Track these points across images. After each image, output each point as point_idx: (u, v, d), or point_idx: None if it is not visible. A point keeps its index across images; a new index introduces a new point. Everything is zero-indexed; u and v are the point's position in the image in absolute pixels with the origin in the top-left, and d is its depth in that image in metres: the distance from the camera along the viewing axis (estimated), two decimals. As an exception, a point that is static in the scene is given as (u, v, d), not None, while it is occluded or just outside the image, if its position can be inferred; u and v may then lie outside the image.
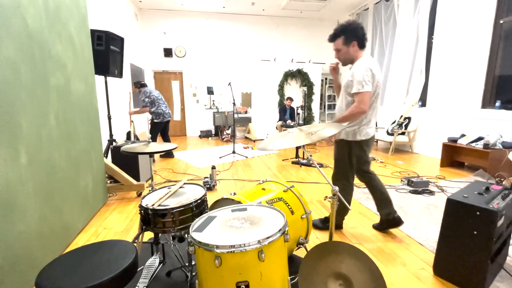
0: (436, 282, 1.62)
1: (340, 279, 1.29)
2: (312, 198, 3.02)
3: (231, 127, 7.68)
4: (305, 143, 1.32)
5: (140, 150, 1.77)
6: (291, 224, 1.56)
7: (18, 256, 1.45)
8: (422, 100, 5.46)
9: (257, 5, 7.45)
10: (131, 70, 6.60)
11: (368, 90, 1.83)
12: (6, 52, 1.43)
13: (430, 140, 5.19)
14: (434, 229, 2.25)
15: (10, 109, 1.45)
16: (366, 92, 1.83)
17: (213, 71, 8.40)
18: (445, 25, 4.84)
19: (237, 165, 4.59)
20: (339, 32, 1.95)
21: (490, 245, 1.42)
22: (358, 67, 1.88)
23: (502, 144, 3.73)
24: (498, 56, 4.16)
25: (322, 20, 8.64)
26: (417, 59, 5.55)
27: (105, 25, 4.83)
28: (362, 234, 2.21)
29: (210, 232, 1.12)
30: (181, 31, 8.05)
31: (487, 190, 1.64)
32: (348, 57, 1.98)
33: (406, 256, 1.90)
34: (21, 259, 1.47)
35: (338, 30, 1.95)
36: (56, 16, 2.02)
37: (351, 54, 1.96)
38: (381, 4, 6.59)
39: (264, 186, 1.75)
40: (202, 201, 1.58)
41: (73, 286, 0.94)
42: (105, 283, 0.97)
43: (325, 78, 8.47)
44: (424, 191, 3.12)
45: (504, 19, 4.05)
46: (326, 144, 6.78)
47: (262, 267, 1.03)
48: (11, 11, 1.50)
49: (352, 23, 1.93)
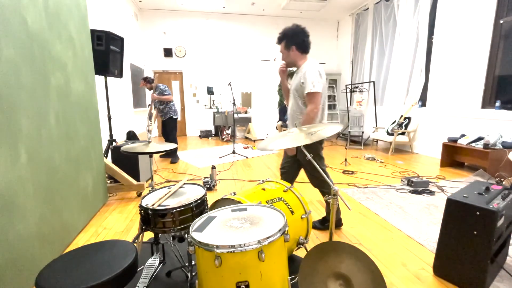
0: (436, 282, 1.62)
1: (340, 279, 1.29)
2: (312, 198, 3.02)
3: (231, 127, 7.68)
4: (305, 143, 1.32)
5: (140, 150, 1.77)
6: (291, 224, 1.56)
7: (18, 256, 1.45)
8: (422, 100, 5.46)
9: (257, 5, 7.45)
10: (131, 70, 6.60)
11: (319, 90, 1.89)
12: (6, 52, 1.43)
13: (430, 140, 5.19)
14: (434, 229, 2.25)
15: (10, 109, 1.45)
16: (318, 92, 1.89)
17: (213, 71, 8.40)
18: (445, 25, 4.84)
19: (237, 165, 4.59)
20: (281, 37, 2.02)
21: (490, 245, 1.42)
22: (308, 69, 1.92)
23: (502, 144, 3.73)
24: (498, 56, 4.16)
25: (322, 20, 8.64)
26: (417, 59, 5.55)
27: (105, 25, 4.83)
28: (362, 234, 2.21)
29: (210, 232, 1.12)
30: (181, 31, 8.05)
31: (487, 190, 1.64)
32: (289, 60, 2.05)
33: (406, 256, 1.90)
34: (21, 259, 1.47)
35: (280, 35, 2.02)
36: (56, 16, 2.02)
37: (291, 58, 2.02)
38: (381, 4, 6.59)
39: (264, 186, 1.75)
40: (202, 201, 1.58)
41: (73, 286, 0.94)
42: (105, 283, 0.97)
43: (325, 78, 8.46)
44: (424, 191, 3.12)
45: (504, 19, 4.05)
46: (326, 144, 6.78)
47: (262, 267, 1.03)
48: (11, 11, 1.50)
49: (293, 28, 1.98)
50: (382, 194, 3.08)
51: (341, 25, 8.62)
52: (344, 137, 7.65)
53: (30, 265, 1.54)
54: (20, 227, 1.47)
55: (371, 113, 6.96)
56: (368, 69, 7.22)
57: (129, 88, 6.38)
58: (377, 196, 3.02)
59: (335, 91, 8.62)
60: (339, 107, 8.56)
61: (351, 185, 3.42)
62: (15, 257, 1.42)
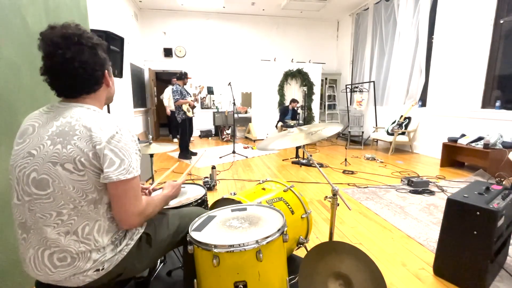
0: (436, 282, 1.62)
1: (340, 279, 1.29)
2: (312, 198, 3.02)
3: (231, 127, 7.68)
4: (305, 143, 1.32)
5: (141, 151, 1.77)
6: (291, 224, 1.55)
7: (18, 256, 1.45)
8: (422, 100, 5.46)
9: (257, 5, 7.45)
10: (131, 70, 6.60)
11: None
12: (6, 52, 1.44)
13: (430, 140, 5.18)
14: (434, 229, 2.25)
15: (11, 109, 1.45)
16: None
17: (213, 71, 8.40)
18: (445, 25, 4.83)
19: (237, 165, 4.59)
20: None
21: (490, 245, 1.42)
22: None
23: (502, 144, 3.73)
24: (498, 56, 4.16)
25: (322, 20, 8.64)
26: (417, 59, 5.55)
27: (105, 25, 4.83)
28: (362, 234, 2.20)
29: (209, 232, 1.11)
30: (181, 31, 8.05)
31: (487, 190, 1.64)
32: None
33: (406, 256, 1.89)
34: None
35: None
36: (56, 16, 2.02)
37: None
38: (381, 4, 6.59)
39: (264, 186, 1.75)
40: (202, 201, 1.58)
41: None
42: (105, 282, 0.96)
43: (325, 78, 8.47)
44: (424, 191, 3.11)
45: (504, 19, 4.05)
46: (326, 144, 6.78)
47: (260, 267, 1.03)
48: (11, 11, 1.50)
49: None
50: (382, 194, 3.07)
51: (341, 25, 8.62)
52: (344, 137, 7.64)
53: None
54: (19, 227, 1.47)
55: (371, 113, 6.96)
56: (368, 69, 7.22)
57: (129, 88, 6.38)
58: (377, 196, 3.01)
59: (335, 91, 8.62)
60: (339, 107, 8.56)
61: (351, 185, 3.42)
62: (15, 256, 1.42)
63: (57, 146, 0.84)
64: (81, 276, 0.88)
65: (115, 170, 0.86)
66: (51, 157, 0.84)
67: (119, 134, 0.89)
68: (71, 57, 0.88)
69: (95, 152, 0.84)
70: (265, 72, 7.21)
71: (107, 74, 1.01)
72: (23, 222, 0.87)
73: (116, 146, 0.87)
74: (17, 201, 0.87)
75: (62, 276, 0.86)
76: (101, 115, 0.91)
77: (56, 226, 0.85)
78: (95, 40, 0.94)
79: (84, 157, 0.84)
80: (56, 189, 0.84)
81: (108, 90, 1.05)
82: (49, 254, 0.86)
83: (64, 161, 0.83)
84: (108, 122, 0.90)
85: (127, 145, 0.90)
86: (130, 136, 0.92)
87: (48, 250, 0.86)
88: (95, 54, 0.94)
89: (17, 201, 0.88)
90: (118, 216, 0.91)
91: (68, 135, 0.85)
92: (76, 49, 0.89)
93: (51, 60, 0.89)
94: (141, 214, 0.94)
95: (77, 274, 0.87)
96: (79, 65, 0.89)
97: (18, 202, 0.87)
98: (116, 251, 0.94)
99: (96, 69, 0.94)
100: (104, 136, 0.86)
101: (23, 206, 0.86)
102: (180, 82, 4.94)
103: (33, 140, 0.87)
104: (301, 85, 7.40)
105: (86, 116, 0.89)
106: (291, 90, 7.43)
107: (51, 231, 0.85)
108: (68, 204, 0.85)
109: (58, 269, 0.86)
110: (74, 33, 0.89)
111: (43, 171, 0.84)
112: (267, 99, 7.32)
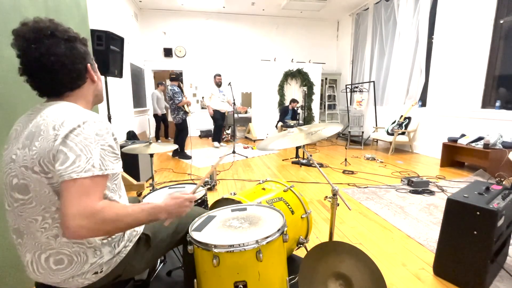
0: (436, 282, 1.62)
1: (340, 279, 1.29)
2: (312, 198, 3.02)
3: (231, 127, 7.67)
4: (305, 143, 1.32)
5: (141, 151, 1.77)
6: (291, 224, 1.55)
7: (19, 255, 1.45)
8: (422, 100, 5.46)
9: (257, 5, 7.45)
10: (131, 70, 6.60)
11: None
12: (6, 52, 1.43)
13: (430, 140, 5.18)
14: (434, 229, 2.25)
15: (11, 109, 1.45)
16: None
17: (213, 71, 8.38)
18: (445, 25, 4.83)
19: (237, 165, 4.59)
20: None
21: (490, 245, 1.42)
22: None
23: (502, 144, 3.73)
24: (498, 56, 4.16)
25: (322, 20, 8.64)
26: (417, 59, 5.55)
27: (105, 25, 4.83)
28: (362, 234, 2.20)
29: (209, 232, 1.11)
30: (181, 31, 8.05)
31: (487, 190, 1.64)
32: None
33: (406, 256, 1.89)
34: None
35: None
36: (56, 16, 2.02)
37: None
38: (381, 4, 6.59)
39: (264, 186, 1.75)
40: (202, 201, 1.58)
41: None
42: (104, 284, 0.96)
43: (325, 78, 8.47)
44: (424, 191, 3.11)
45: (504, 19, 4.05)
46: (326, 144, 6.78)
47: (260, 267, 1.03)
48: (11, 11, 1.50)
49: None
50: (382, 194, 3.07)
51: (341, 25, 8.62)
52: (344, 137, 7.64)
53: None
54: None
55: (371, 113, 6.96)
56: (368, 69, 7.22)
57: (129, 88, 6.38)
58: (377, 196, 3.01)
59: (335, 91, 8.62)
60: (339, 107, 8.56)
61: (351, 185, 3.42)
62: (15, 256, 1.42)
63: (25, 149, 0.79)
64: (79, 278, 0.86)
65: (68, 167, 0.73)
66: (23, 162, 0.79)
67: (81, 127, 0.78)
68: (46, 52, 0.81)
69: (55, 151, 0.76)
70: (265, 72, 7.21)
71: (90, 68, 0.94)
72: (16, 228, 0.85)
73: (73, 140, 0.76)
74: (8, 207, 0.85)
75: (61, 278, 0.85)
76: (70, 110, 0.82)
77: (44, 231, 0.82)
78: (72, 33, 0.88)
79: (46, 159, 0.76)
80: (35, 194, 0.80)
81: (95, 86, 0.98)
82: (46, 257, 0.84)
83: (32, 164, 0.78)
84: (73, 115, 0.80)
85: (88, 140, 0.77)
86: (96, 130, 0.80)
87: (44, 254, 0.83)
88: (72, 47, 0.87)
89: (7, 207, 0.85)
90: (60, 222, 0.76)
91: (34, 137, 0.79)
92: (50, 42, 0.82)
93: (26, 57, 0.83)
94: (90, 216, 0.72)
95: (75, 276, 0.85)
96: (55, 59, 0.83)
97: (9, 208, 0.85)
98: (114, 253, 0.91)
99: (77, 62, 0.88)
100: (64, 131, 0.77)
101: (13, 212, 0.84)
102: (175, 82, 4.95)
103: (14, 145, 0.83)
104: (301, 85, 7.40)
105: (54, 113, 0.81)
106: (291, 90, 7.43)
107: (40, 235, 0.82)
108: (50, 207, 0.80)
109: (56, 271, 0.84)
110: (47, 26, 0.83)
111: (21, 176, 0.80)
112: (267, 99, 7.32)
